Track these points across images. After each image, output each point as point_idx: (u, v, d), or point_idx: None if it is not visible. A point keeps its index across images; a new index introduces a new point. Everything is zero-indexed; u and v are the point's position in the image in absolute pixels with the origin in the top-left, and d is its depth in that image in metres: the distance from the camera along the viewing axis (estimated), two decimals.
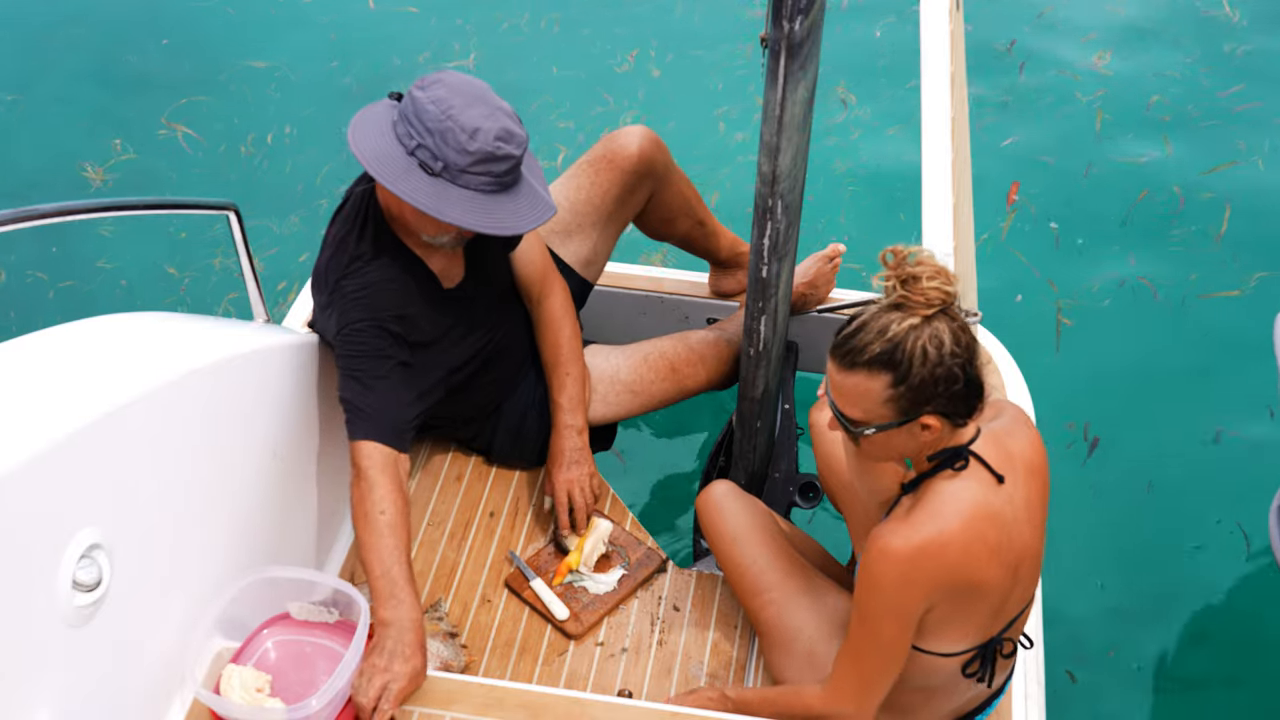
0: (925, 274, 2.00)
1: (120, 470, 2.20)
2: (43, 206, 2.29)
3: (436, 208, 2.43)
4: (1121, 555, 3.41)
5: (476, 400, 2.93)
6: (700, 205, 3.16)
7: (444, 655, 2.61)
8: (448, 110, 2.41)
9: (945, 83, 2.42)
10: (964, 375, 2.01)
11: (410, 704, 2.40)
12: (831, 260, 3.19)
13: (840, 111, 4.66)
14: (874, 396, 2.03)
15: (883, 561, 2.07)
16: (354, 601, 2.47)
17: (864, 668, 2.18)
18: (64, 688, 2.12)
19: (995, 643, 2.22)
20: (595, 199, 3.00)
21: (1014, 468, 2.13)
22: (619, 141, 3.00)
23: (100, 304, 4.02)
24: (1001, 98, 4.68)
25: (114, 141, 4.51)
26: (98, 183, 4.38)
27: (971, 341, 2.03)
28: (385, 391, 2.58)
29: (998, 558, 2.10)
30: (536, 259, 2.85)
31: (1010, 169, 4.45)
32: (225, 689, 2.37)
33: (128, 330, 2.42)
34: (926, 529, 2.06)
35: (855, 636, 2.17)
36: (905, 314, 2.00)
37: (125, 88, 4.72)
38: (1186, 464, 3.61)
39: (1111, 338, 3.94)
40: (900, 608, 2.10)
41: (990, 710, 2.40)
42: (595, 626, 2.77)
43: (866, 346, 2.01)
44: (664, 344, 3.03)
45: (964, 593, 2.11)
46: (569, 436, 2.85)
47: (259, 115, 4.64)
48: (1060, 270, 4.13)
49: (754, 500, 2.68)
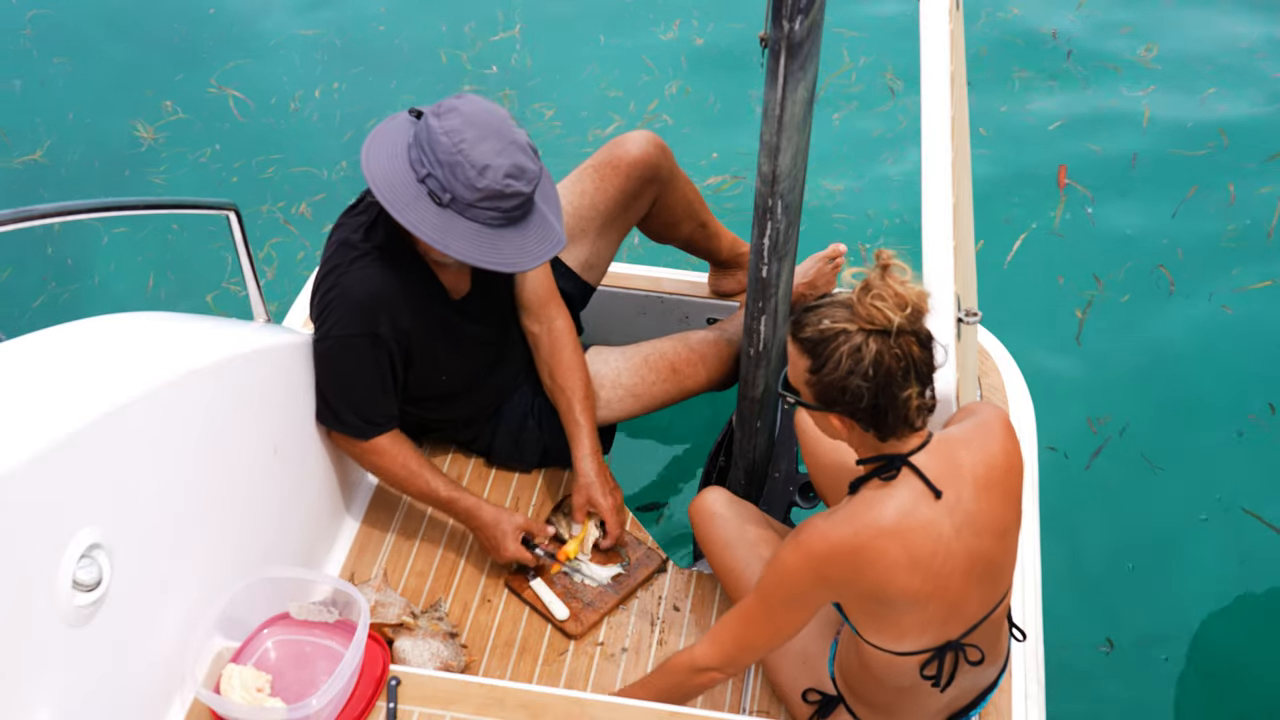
0: (878, 290, 2.00)
1: (120, 470, 2.20)
2: (42, 206, 2.29)
3: (442, 240, 2.42)
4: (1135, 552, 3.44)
5: (476, 403, 2.94)
6: (703, 208, 3.16)
7: (444, 655, 2.61)
8: (459, 143, 2.39)
9: (945, 83, 2.41)
10: (870, 399, 2.01)
11: (410, 704, 2.40)
12: (832, 260, 3.19)
13: (887, 99, 4.64)
14: (798, 373, 2.08)
15: (796, 551, 2.12)
16: (354, 601, 2.47)
17: (747, 634, 2.25)
18: (64, 688, 2.12)
19: (954, 647, 2.21)
20: (599, 204, 3.00)
21: (960, 478, 2.11)
22: (624, 147, 3.00)
23: (100, 303, 4.03)
24: (1048, 82, 4.67)
25: (165, 103, 4.70)
26: (149, 141, 4.56)
27: (896, 373, 2.01)
28: (374, 399, 2.69)
29: (920, 568, 2.09)
30: (543, 284, 2.85)
31: (1057, 155, 4.44)
32: (225, 689, 2.37)
33: (128, 330, 2.42)
34: (841, 530, 2.09)
35: (750, 605, 2.23)
36: (849, 316, 2.02)
37: (174, 52, 4.92)
38: (1209, 457, 3.62)
39: (1147, 330, 3.93)
40: (799, 597, 2.16)
41: (983, 705, 2.39)
42: (595, 626, 2.77)
43: (805, 325, 2.06)
44: (664, 345, 3.03)
45: (876, 598, 2.12)
46: (600, 460, 2.86)
47: (307, 76, 4.79)
48: (1099, 260, 4.13)
49: (746, 504, 2.68)
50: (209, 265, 4.19)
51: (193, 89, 4.76)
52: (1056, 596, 3.11)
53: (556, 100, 4.68)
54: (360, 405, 2.70)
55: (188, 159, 4.54)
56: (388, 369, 2.66)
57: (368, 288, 2.58)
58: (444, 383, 2.82)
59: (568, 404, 2.85)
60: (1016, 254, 4.16)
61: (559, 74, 4.77)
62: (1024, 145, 4.51)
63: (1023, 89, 4.69)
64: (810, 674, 2.46)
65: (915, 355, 2.02)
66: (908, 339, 2.01)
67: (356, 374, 2.66)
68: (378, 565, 2.87)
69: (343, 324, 2.60)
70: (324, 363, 2.67)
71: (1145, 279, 4.08)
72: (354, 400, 2.70)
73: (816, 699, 2.44)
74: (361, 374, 2.66)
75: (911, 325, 2.01)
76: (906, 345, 2.01)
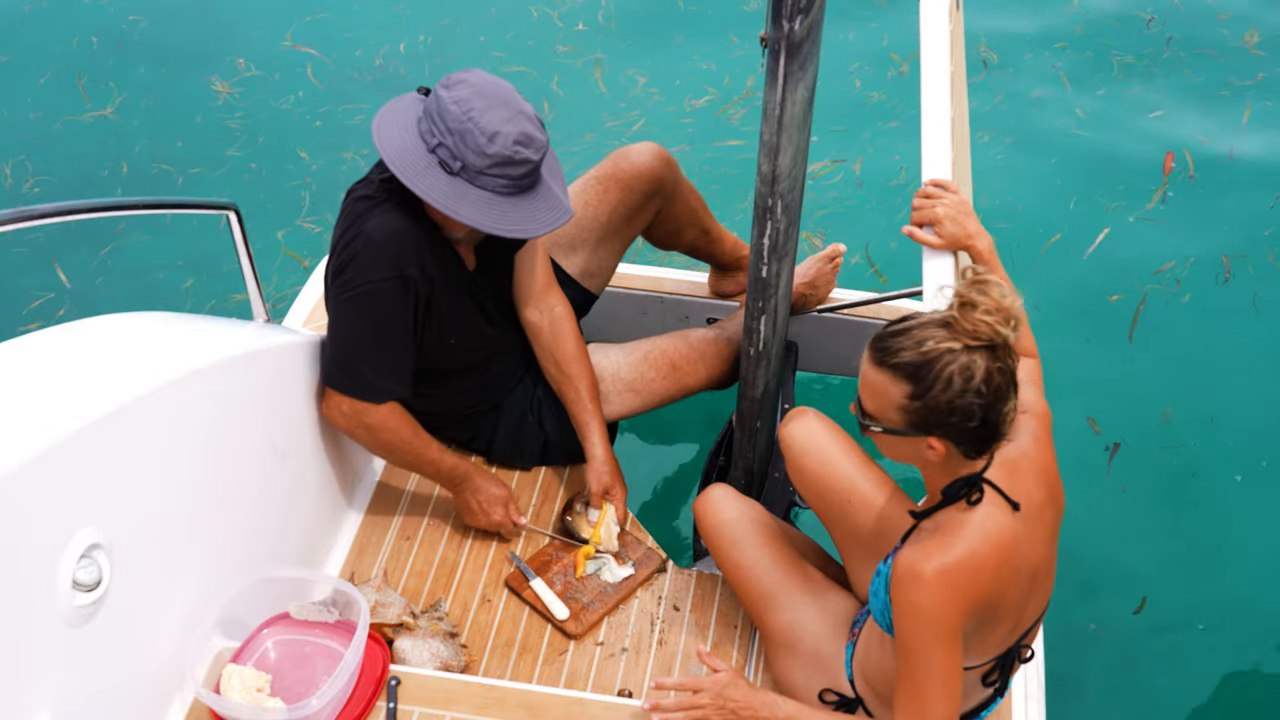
0: (983, 305, 1.97)
1: (120, 470, 2.20)
2: (42, 206, 2.29)
3: (453, 207, 2.46)
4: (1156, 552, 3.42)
5: (475, 397, 2.93)
6: (706, 214, 3.17)
7: (444, 655, 2.61)
8: (469, 111, 2.44)
9: (945, 83, 2.41)
10: (981, 416, 1.99)
11: (410, 704, 2.40)
12: (832, 260, 3.19)
13: (980, 71, 4.59)
14: (890, 400, 2.03)
15: (918, 586, 2.04)
16: (354, 601, 2.48)
17: (926, 702, 2.10)
18: (64, 688, 2.12)
19: (1013, 652, 2.23)
20: (602, 215, 3.01)
21: (1026, 489, 2.12)
22: (629, 159, 3.01)
23: (101, 303, 4.04)
24: (1147, 68, 4.63)
25: (238, 60, 4.76)
26: (224, 95, 4.65)
27: (1004, 388, 1.99)
28: (395, 354, 2.66)
29: (1017, 578, 2.11)
30: (542, 272, 2.86)
31: (1159, 146, 4.41)
32: (225, 689, 2.37)
33: (128, 330, 2.42)
34: (957, 550, 2.04)
35: (907, 673, 2.10)
36: (950, 335, 1.98)
37: (247, 10, 5.00)
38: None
39: (1229, 323, 3.91)
40: (944, 630, 2.06)
41: (992, 709, 2.40)
42: (595, 626, 2.77)
43: (900, 350, 2.00)
44: (664, 342, 3.03)
45: (991, 612, 2.11)
46: (609, 447, 2.89)
47: (389, 31, 4.84)
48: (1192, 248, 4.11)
49: (751, 502, 2.68)
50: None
51: (267, 46, 4.83)
52: (1056, 597, 3.12)
53: (648, 68, 4.69)
54: (380, 362, 2.64)
55: (270, 105, 4.61)
56: (412, 319, 2.62)
57: (394, 227, 2.56)
58: (450, 348, 2.78)
59: (575, 393, 2.86)
60: (1101, 244, 4.12)
61: (647, 39, 4.79)
62: (1123, 132, 4.44)
63: (1122, 74, 4.64)
64: (826, 675, 2.45)
65: (1013, 367, 2.01)
66: (1008, 352, 2.00)
67: (384, 324, 2.61)
68: (378, 565, 2.87)
69: (369, 269, 2.56)
70: (346, 316, 2.62)
71: (1244, 276, 4.03)
72: (374, 357, 2.64)
73: (834, 699, 2.43)
74: (389, 324, 2.61)
75: (1007, 338, 2.00)
76: (1007, 358, 2.00)
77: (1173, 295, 3.98)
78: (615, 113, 4.56)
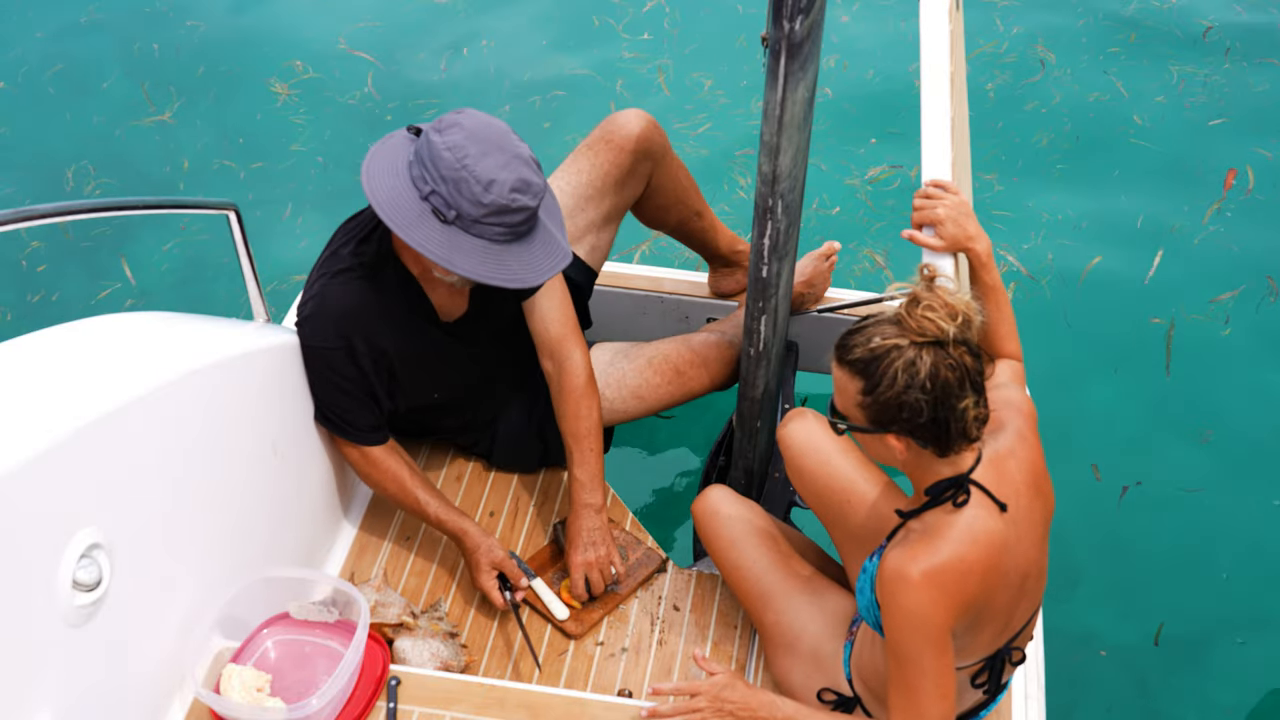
0: (928, 302, 1.98)
1: (120, 470, 2.20)
2: (42, 206, 2.28)
3: (447, 257, 2.38)
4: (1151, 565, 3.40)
5: (474, 412, 2.94)
6: (697, 196, 3.15)
7: (444, 655, 2.61)
8: (463, 159, 2.35)
9: (945, 83, 2.41)
10: (930, 412, 1.99)
11: (410, 704, 2.40)
12: (827, 259, 3.19)
13: (1038, 71, 4.52)
14: (849, 396, 2.06)
15: (906, 589, 2.03)
16: (354, 601, 2.48)
17: (921, 704, 2.10)
18: (64, 688, 2.12)
19: (1003, 653, 2.23)
20: (596, 181, 2.98)
21: (1015, 490, 2.12)
22: (617, 123, 3.00)
23: (100, 303, 4.04)
24: (1206, 76, 4.53)
25: (295, 62, 4.79)
26: (284, 97, 4.69)
27: (953, 385, 1.98)
28: (354, 408, 2.70)
29: (1006, 581, 2.11)
30: (558, 318, 2.78)
31: (1220, 157, 4.31)
32: (225, 689, 2.37)
33: (128, 330, 2.42)
34: (944, 553, 2.04)
35: (900, 675, 2.10)
36: (899, 331, 2.00)
37: (304, 12, 5.03)
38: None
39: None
40: (933, 632, 2.05)
41: (990, 710, 2.40)
42: (595, 626, 2.77)
43: (853, 348, 2.03)
44: (667, 347, 3.03)
45: (978, 613, 2.11)
46: (587, 516, 2.77)
47: (448, 32, 4.86)
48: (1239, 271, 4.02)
49: (750, 503, 2.68)
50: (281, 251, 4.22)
51: (322, 47, 4.86)
52: (1056, 595, 3.12)
53: (713, 71, 4.65)
54: (343, 412, 2.70)
55: (336, 101, 4.64)
56: (364, 382, 2.66)
57: (345, 303, 2.58)
58: (436, 399, 2.83)
59: (569, 455, 2.81)
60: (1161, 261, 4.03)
61: (712, 43, 4.74)
62: (1180, 141, 4.34)
63: (1181, 81, 4.55)
64: (824, 674, 2.45)
65: (968, 365, 2.00)
66: (960, 349, 1.99)
67: (338, 383, 2.66)
68: (378, 565, 2.87)
69: (318, 334, 2.61)
70: (309, 365, 2.68)
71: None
72: (336, 406, 2.70)
73: (832, 698, 2.43)
74: (343, 382, 2.66)
75: (963, 335, 1.99)
76: (959, 355, 1.99)
77: (1218, 321, 3.89)
78: (682, 114, 4.51)
